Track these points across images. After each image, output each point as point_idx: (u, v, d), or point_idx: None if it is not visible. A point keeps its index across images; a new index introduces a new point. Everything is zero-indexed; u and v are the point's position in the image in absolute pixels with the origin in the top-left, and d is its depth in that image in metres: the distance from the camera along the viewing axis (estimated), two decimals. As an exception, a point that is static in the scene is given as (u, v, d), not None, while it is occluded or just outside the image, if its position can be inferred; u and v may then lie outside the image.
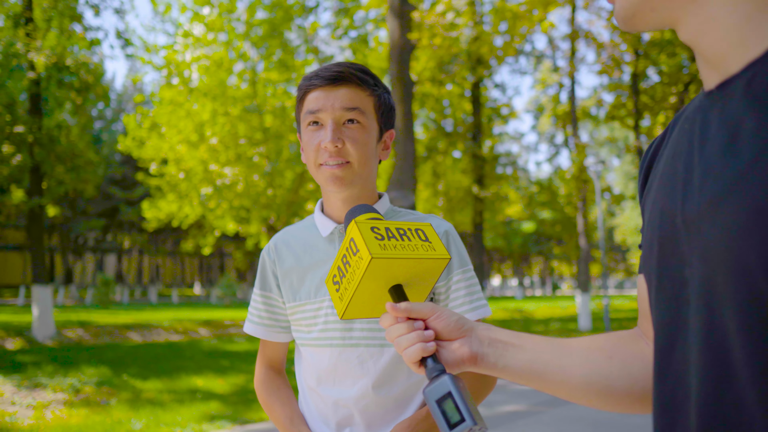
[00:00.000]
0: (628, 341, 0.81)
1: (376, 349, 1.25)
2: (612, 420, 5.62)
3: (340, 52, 18.57)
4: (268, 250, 1.37)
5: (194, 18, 15.57)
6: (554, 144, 29.95)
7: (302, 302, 1.30)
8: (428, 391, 0.75)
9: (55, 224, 30.52)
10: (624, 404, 0.78)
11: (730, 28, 0.53)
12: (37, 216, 12.29)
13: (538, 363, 0.79)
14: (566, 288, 62.20)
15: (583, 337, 0.83)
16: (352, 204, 1.28)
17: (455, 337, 0.81)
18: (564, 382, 0.79)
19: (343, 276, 0.85)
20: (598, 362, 0.79)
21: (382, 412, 1.25)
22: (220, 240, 27.50)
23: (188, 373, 8.31)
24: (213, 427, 5.54)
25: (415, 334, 0.79)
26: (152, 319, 15.26)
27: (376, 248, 0.81)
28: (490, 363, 0.80)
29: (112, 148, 29.88)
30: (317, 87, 1.23)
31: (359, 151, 1.22)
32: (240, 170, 14.87)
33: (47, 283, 11.79)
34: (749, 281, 0.48)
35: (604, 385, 0.78)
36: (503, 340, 0.81)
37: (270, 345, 1.41)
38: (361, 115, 1.22)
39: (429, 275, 0.88)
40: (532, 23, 13.08)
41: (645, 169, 0.72)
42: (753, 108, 0.51)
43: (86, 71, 13.10)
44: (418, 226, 0.90)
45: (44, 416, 5.78)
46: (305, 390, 1.35)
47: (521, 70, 24.45)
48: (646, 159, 0.72)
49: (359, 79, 1.23)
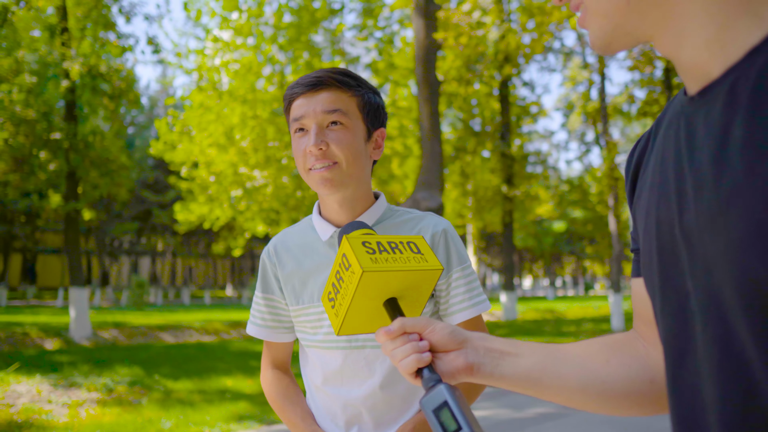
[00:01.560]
0: (624, 344, 0.80)
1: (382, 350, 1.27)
2: (641, 423, 5.51)
3: (366, 53, 18.62)
4: (268, 253, 1.39)
5: (223, 23, 15.80)
6: (585, 142, 29.51)
7: (306, 305, 1.32)
8: (425, 401, 0.75)
9: (91, 228, 31.30)
10: (622, 407, 0.78)
11: (708, 37, 0.53)
12: (74, 220, 12.63)
13: (534, 371, 0.79)
14: (599, 288, 61.20)
15: (580, 341, 0.83)
16: (347, 206, 1.29)
17: (451, 348, 0.81)
18: (561, 387, 0.79)
19: (338, 292, 0.87)
20: (594, 366, 0.79)
21: (389, 409, 1.28)
22: (251, 242, 27.82)
23: (218, 373, 8.43)
24: (241, 427, 5.61)
25: (409, 346, 0.79)
26: (184, 320, 15.53)
27: (367, 262, 0.82)
28: (486, 372, 0.80)
29: (144, 153, 30.51)
30: (299, 95, 1.25)
31: (345, 152, 1.23)
32: (269, 172, 15.02)
33: (84, 286, 12.11)
34: (759, 293, 0.47)
35: (602, 389, 0.78)
36: (499, 349, 0.81)
37: (275, 346, 1.44)
38: (344, 116, 1.24)
39: (423, 287, 0.89)
40: (560, 20, 12.93)
41: (632, 173, 0.71)
42: (737, 114, 0.50)
43: (119, 78, 13.41)
44: (410, 239, 0.91)
45: (78, 414, 5.93)
46: (312, 389, 1.37)
47: (550, 68, 24.14)
48: (632, 163, 0.72)
49: (339, 82, 1.25)
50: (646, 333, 0.78)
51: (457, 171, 21.84)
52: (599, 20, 0.59)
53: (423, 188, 10.70)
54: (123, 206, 30.42)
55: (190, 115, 16.14)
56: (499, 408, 6.42)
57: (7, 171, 12.60)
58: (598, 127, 22.10)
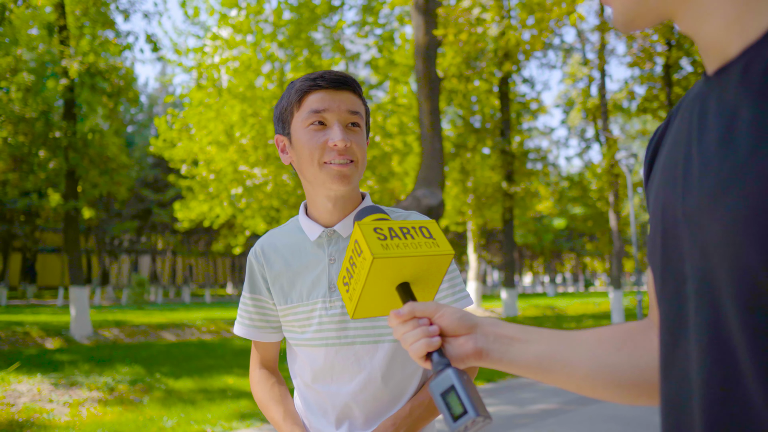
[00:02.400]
0: (637, 332, 0.79)
1: (371, 345, 1.29)
2: (643, 418, 5.49)
3: (365, 50, 18.57)
4: (255, 254, 1.39)
5: (222, 20, 15.76)
6: (585, 138, 29.48)
7: (294, 305, 1.33)
8: (433, 384, 0.76)
9: (90, 227, 31.27)
10: (632, 396, 0.78)
11: (728, 14, 0.52)
12: (73, 219, 12.59)
13: (544, 357, 0.79)
14: (599, 284, 61.21)
15: (591, 328, 0.82)
16: (341, 204, 1.32)
17: (460, 333, 0.81)
18: (571, 374, 0.79)
19: (351, 277, 0.88)
20: (605, 354, 0.78)
21: (379, 404, 1.30)
22: (251, 240, 27.83)
23: (219, 371, 8.42)
24: (243, 425, 5.59)
25: (419, 330, 0.80)
26: (185, 319, 15.52)
27: (378, 248, 0.83)
28: (495, 358, 0.80)
29: (144, 151, 30.48)
30: (321, 89, 1.27)
31: (361, 153, 1.28)
32: (269, 170, 15.00)
33: (84, 285, 12.09)
34: (750, 278, 0.47)
35: (612, 377, 0.77)
36: (509, 335, 0.81)
37: (262, 345, 1.45)
38: (361, 119, 1.30)
39: (435, 271, 0.90)
40: (560, 16, 12.88)
41: (650, 157, 0.71)
42: (748, 95, 0.49)
43: (118, 76, 13.38)
44: (423, 224, 0.92)
45: (80, 414, 5.91)
46: (301, 387, 1.38)
47: (550, 64, 24.13)
48: (651, 147, 0.71)
49: (356, 87, 1.31)
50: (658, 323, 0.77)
51: (457, 168, 21.80)
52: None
53: (423, 185, 10.67)
54: (122, 205, 30.39)
55: (189, 113, 16.12)
56: (502, 405, 6.41)
57: (6, 170, 12.57)
58: (598, 124, 22.07)
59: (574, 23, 16.26)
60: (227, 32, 15.99)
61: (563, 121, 30.68)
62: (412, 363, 1.32)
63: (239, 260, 46.71)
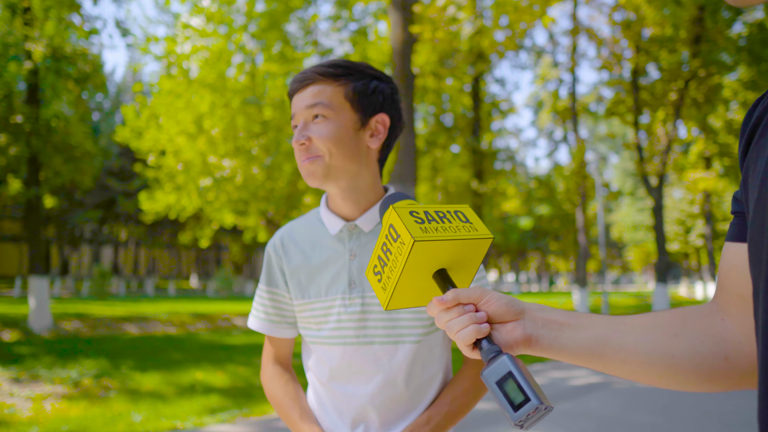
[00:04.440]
0: (698, 318, 0.76)
1: (391, 346, 1.25)
2: (616, 417, 5.61)
3: (339, 45, 18.46)
4: (274, 246, 1.35)
5: (193, 10, 15.45)
6: (553, 140, 29.93)
7: (311, 300, 1.29)
8: (487, 373, 0.72)
9: (51, 215, 30.37)
10: (690, 383, 0.75)
11: None
12: (35, 207, 12.20)
13: (596, 343, 0.76)
14: (563, 284, 62.29)
15: (645, 313, 0.79)
16: (350, 199, 1.28)
17: (508, 319, 0.78)
18: (625, 361, 0.76)
19: (385, 265, 0.83)
20: (662, 340, 0.75)
21: (396, 407, 1.26)
22: (217, 233, 27.45)
23: (187, 365, 8.28)
24: (214, 420, 5.51)
25: (467, 317, 0.76)
26: (149, 312, 15.22)
27: (417, 231, 0.78)
28: (545, 345, 0.77)
29: (109, 140, 29.73)
30: (294, 92, 1.29)
31: (326, 143, 1.22)
32: (239, 163, 14.79)
33: (44, 275, 11.73)
34: None
35: (669, 364, 0.74)
36: (558, 320, 0.78)
37: (276, 341, 1.40)
38: (325, 108, 1.23)
39: (473, 257, 0.85)
40: (533, 18, 13.01)
41: (749, 132, 0.67)
42: None
43: (84, 61, 12.99)
44: (457, 208, 0.87)
45: (43, 408, 5.74)
46: (316, 385, 1.34)
47: (521, 65, 24.38)
48: (750, 121, 0.67)
49: (322, 74, 1.24)
50: (729, 306, 0.73)
51: (428, 165, 21.90)
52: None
53: (397, 181, 10.67)
54: (85, 194, 29.61)
55: (158, 102, 15.75)
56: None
57: (-37, 154, 12.10)
58: (567, 125, 22.40)
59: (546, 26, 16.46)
60: (198, 21, 15.67)
61: (533, 122, 31.10)
62: (432, 366, 1.29)
63: (204, 253, 46.05)
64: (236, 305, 20.46)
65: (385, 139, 1.30)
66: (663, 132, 18.58)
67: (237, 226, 17.16)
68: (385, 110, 1.29)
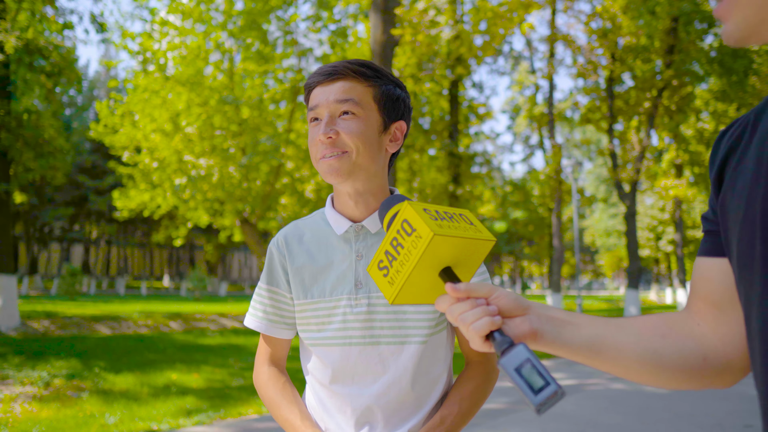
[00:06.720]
0: (680, 322, 0.84)
1: (397, 346, 1.24)
2: (592, 418, 5.68)
3: (318, 46, 18.39)
4: (278, 244, 1.34)
5: (171, 7, 15.25)
6: (529, 145, 30.26)
7: (314, 300, 1.28)
8: (504, 361, 0.75)
9: (20, 212, 29.66)
10: (676, 380, 0.82)
11: None
12: (4, 203, 11.90)
13: (594, 340, 0.82)
14: (536, 288, 62.95)
15: (636, 317, 0.86)
16: (361, 200, 1.27)
17: (516, 314, 0.82)
18: (619, 358, 0.82)
19: (394, 259, 0.85)
20: (652, 341, 0.82)
21: (402, 407, 1.25)
22: (191, 232, 27.12)
23: (161, 367, 8.15)
24: (190, 422, 5.43)
25: (480, 309, 0.79)
26: (120, 311, 14.97)
27: (435, 227, 0.81)
28: (548, 340, 0.81)
29: (82, 136, 29.16)
30: (317, 84, 1.25)
31: (355, 141, 1.21)
32: (215, 162, 14.64)
33: (12, 273, 11.45)
34: None
35: (658, 362, 0.81)
36: (560, 318, 0.83)
37: (273, 341, 1.38)
38: (356, 105, 1.22)
39: (475, 257, 0.89)
40: (511, 24, 13.15)
41: (721, 160, 0.74)
42: None
43: (58, 55, 12.73)
44: (461, 211, 0.91)
45: (12, 410, 5.60)
46: (316, 386, 1.32)
47: (499, 71, 24.60)
48: (719, 150, 0.75)
49: (354, 72, 1.24)
50: (704, 313, 0.81)
51: (405, 168, 21.96)
52: (746, 11, 0.59)
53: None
54: (56, 190, 29.00)
55: (133, 99, 15.51)
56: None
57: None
58: (542, 131, 22.66)
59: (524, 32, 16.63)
60: (176, 18, 15.47)
61: (509, 127, 31.38)
62: (437, 367, 1.29)
63: (177, 253, 45.43)
64: (210, 305, 20.23)
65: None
66: (636, 140, 18.93)
67: (212, 225, 16.97)
68: (404, 118, 1.31)
